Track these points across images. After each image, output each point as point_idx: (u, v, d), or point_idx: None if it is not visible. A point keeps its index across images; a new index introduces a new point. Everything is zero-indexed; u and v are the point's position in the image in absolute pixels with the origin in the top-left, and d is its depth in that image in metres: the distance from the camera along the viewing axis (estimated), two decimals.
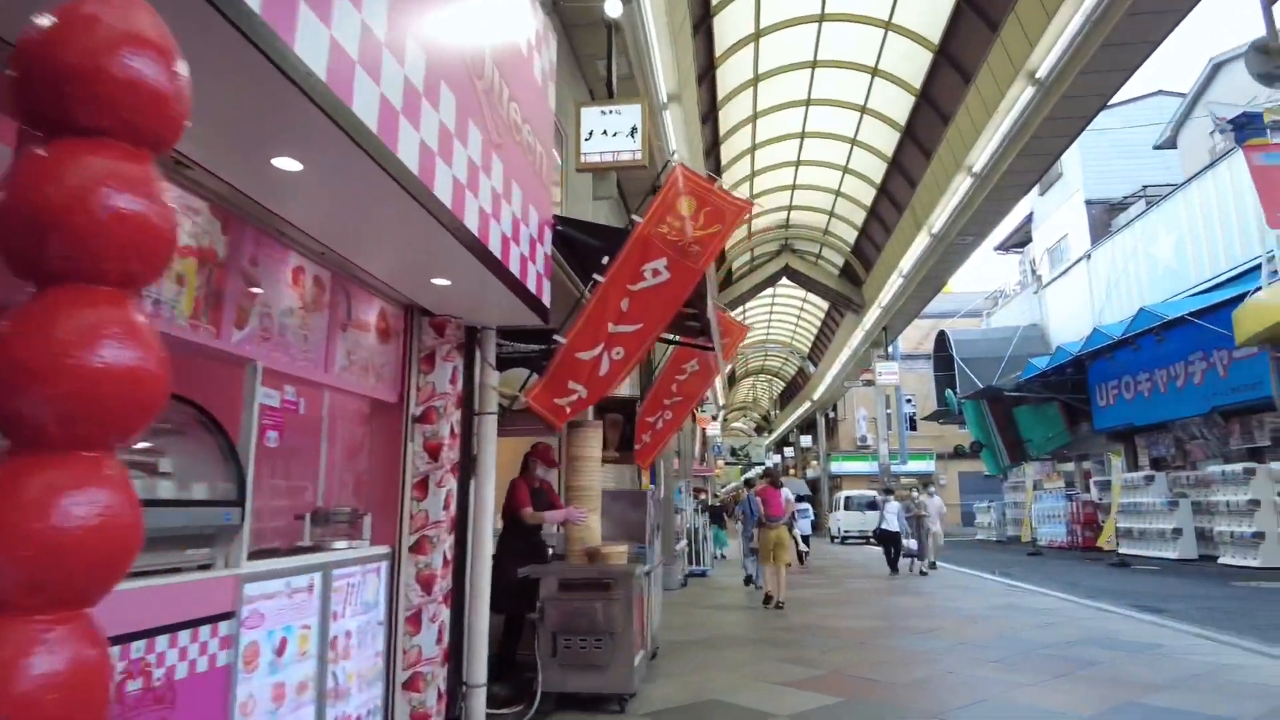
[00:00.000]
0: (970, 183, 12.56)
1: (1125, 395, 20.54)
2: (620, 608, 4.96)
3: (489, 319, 4.91)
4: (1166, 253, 19.54)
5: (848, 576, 14.65)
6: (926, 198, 14.31)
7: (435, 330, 4.71)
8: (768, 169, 17.13)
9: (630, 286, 4.98)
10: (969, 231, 14.20)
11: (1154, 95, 25.38)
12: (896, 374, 21.87)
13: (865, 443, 36.98)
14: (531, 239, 4.45)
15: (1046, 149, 11.01)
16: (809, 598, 11.31)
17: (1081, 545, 21.76)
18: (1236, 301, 14.99)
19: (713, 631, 8.23)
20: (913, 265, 16.51)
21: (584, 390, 5.04)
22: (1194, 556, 17.04)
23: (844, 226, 19.90)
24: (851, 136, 15.68)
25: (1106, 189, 24.46)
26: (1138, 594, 11.61)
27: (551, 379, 5.02)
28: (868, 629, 8.31)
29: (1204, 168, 18.23)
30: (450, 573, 4.58)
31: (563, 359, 5.01)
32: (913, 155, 14.63)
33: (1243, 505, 15.26)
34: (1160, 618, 8.88)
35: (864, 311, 21.47)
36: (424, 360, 4.70)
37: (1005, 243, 32.42)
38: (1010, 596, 11.11)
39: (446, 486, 4.60)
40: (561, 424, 5.09)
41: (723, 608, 10.32)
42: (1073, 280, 24.86)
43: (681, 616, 9.41)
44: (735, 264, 22.25)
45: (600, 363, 5.01)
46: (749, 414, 61.46)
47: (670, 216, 5.03)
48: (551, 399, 5.04)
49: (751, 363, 42.51)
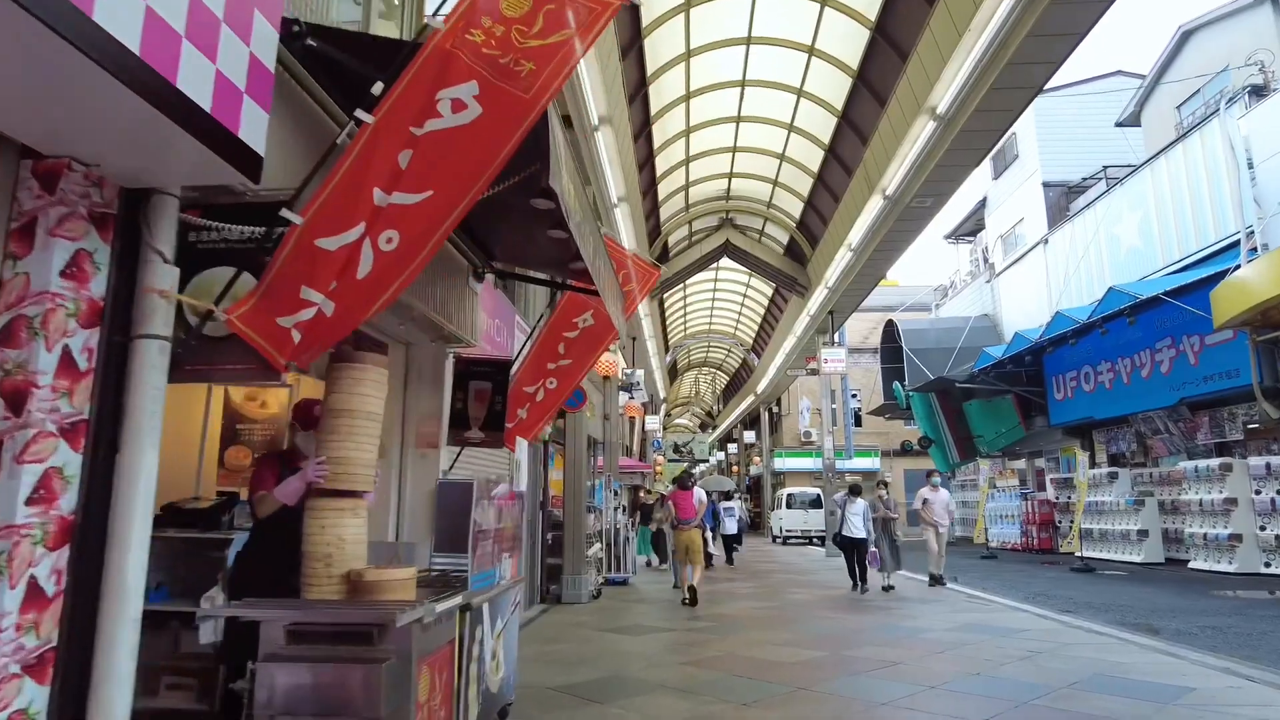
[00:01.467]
0: (932, 128, 10.78)
1: (1084, 387, 19.20)
2: (390, 677, 2.90)
3: (162, 176, 2.85)
4: (1130, 233, 18.20)
5: (787, 586, 12.78)
6: (881, 151, 12.52)
7: (42, 183, 2.62)
8: (706, 124, 15.18)
9: (415, 129, 2.92)
10: (928, 192, 12.43)
11: (1113, 75, 24.25)
12: (843, 361, 20.14)
13: (809, 438, 35.46)
14: (244, 53, 2.46)
15: (1026, 80, 9.26)
16: (740, 615, 9.38)
17: (1037, 547, 20.40)
18: (1214, 281, 13.59)
19: (606, 669, 6.20)
20: (863, 236, 14.74)
21: (328, 304, 2.96)
22: (1161, 560, 15.68)
23: (789, 198, 18.09)
24: (798, 86, 13.82)
25: (1065, 171, 23.21)
26: (1119, 607, 9.96)
27: (274, 284, 2.94)
28: (807, 663, 6.37)
29: (1173, 141, 16.89)
30: (52, 617, 2.53)
31: (296, 250, 2.94)
32: (866, 105, 12.83)
33: (1217, 504, 13.87)
34: (1164, 642, 7.16)
35: (809, 293, 19.71)
36: (15, 235, 2.60)
37: (956, 231, 31.18)
38: (976, 611, 9.34)
39: (45, 462, 2.53)
40: (285, 361, 2.99)
41: (631, 630, 8.30)
42: (1028, 267, 23.55)
43: (575, 644, 7.37)
44: (672, 238, 20.29)
45: (358, 255, 2.95)
46: (692, 409, 59.80)
47: (488, 16, 2.97)
48: (271, 318, 2.96)
49: (694, 355, 40.69)
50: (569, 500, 11.04)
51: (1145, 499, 16.12)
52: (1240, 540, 13.33)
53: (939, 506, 12.17)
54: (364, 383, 3.72)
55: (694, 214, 19.39)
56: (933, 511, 12.08)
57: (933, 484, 12.51)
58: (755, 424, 40.14)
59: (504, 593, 4.46)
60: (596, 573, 11.92)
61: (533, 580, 10.21)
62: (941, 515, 12.14)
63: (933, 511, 12.08)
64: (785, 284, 21.52)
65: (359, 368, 3.76)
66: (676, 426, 58.49)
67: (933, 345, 25.09)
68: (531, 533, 10.22)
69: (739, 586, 12.76)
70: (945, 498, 12.48)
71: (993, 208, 27.15)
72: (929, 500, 12.19)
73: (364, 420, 3.75)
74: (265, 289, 2.98)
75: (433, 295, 5.44)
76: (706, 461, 51.79)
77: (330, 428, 3.64)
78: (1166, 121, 19.55)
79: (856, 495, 11.58)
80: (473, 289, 6.28)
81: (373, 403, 3.80)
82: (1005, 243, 26.20)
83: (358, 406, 3.71)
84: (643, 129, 13.86)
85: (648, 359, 23.06)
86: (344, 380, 3.71)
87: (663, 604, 10.60)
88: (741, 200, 19.29)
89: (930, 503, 12.16)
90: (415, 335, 6.00)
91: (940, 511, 12.14)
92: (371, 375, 3.78)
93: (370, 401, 3.79)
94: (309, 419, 3.76)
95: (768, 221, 19.87)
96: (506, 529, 4.61)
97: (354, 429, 3.73)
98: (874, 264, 16.29)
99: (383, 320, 5.21)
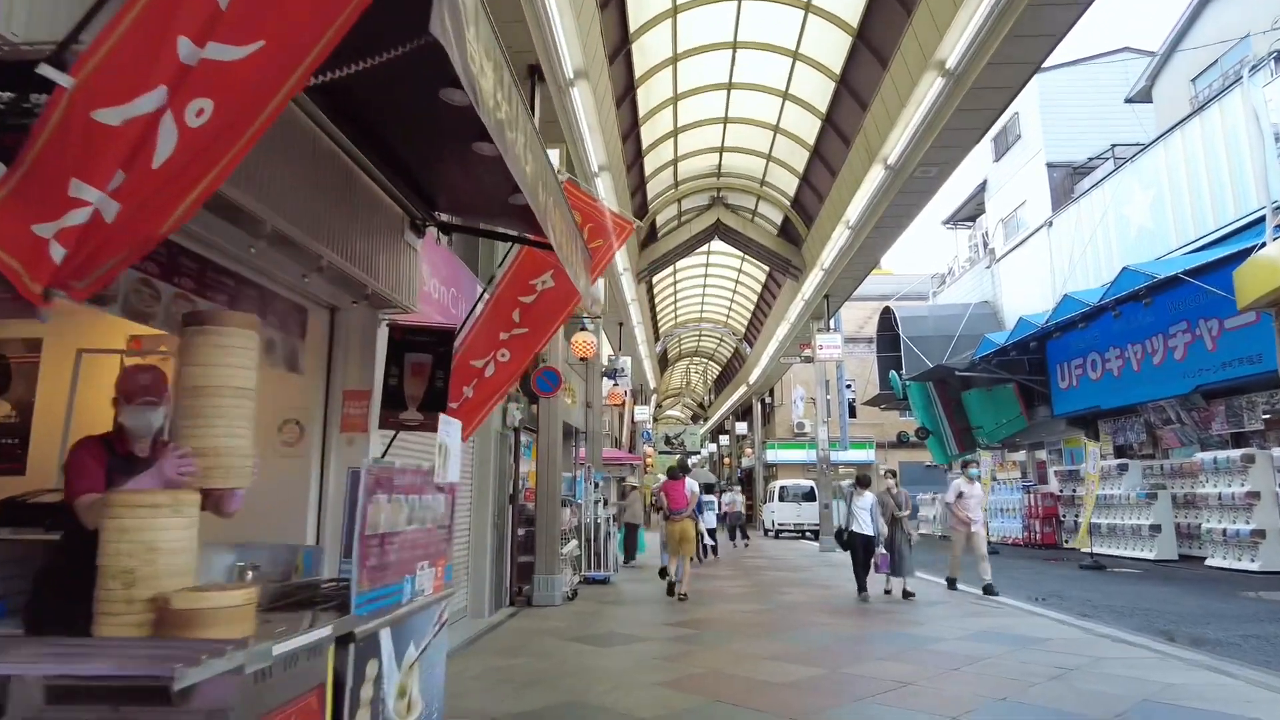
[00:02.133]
0: (940, 85, 9.82)
1: (1091, 375, 18.31)
2: None
3: None
4: (1142, 213, 17.29)
5: (780, 585, 11.86)
6: (883, 115, 11.55)
7: None
8: (695, 91, 14.18)
9: None
10: (933, 160, 11.49)
11: (1120, 52, 23.32)
12: (839, 347, 19.21)
13: (802, 429, 34.57)
14: None
15: (1047, 25, 8.31)
16: (727, 619, 8.45)
17: (1040, 542, 19.55)
18: (1237, 259, 12.66)
19: (565, 692, 5.26)
20: (862, 212, 13.79)
21: (108, 205, 2.03)
22: (1174, 557, 14.81)
23: (784, 175, 17.10)
24: (794, 49, 12.83)
25: (1069, 151, 22.28)
26: (1143, 611, 9.08)
27: (29, 176, 2.01)
28: (801, 683, 5.45)
29: (1190, 114, 15.96)
30: None
31: (63, 125, 2.01)
32: (867, 66, 11.85)
33: (1238, 498, 13.00)
34: (1209, 655, 6.26)
35: (804, 276, 18.75)
36: None
37: (955, 216, 30.26)
38: (987, 616, 8.45)
39: None
40: (43, 286, 2.03)
41: (603, 640, 7.36)
42: (1030, 251, 22.64)
43: (536, 658, 6.43)
44: (660, 218, 19.30)
45: (155, 134, 2.00)
46: (684, 400, 58.87)
47: None
48: (22, 224, 2.00)
49: (685, 344, 39.71)
50: (542, 493, 10.09)
51: (1158, 492, 15.25)
52: (1264, 537, 12.46)
53: (975, 502, 10.73)
54: (231, 351, 2.82)
55: (683, 191, 18.38)
56: (967, 506, 10.68)
57: (969, 475, 10.98)
58: (747, 415, 39.27)
59: (419, 612, 3.51)
60: (573, 572, 10.98)
61: (500, 582, 9.27)
62: (978, 512, 10.71)
63: (967, 506, 10.68)
64: (779, 267, 20.56)
65: (223, 332, 2.88)
66: (668, 418, 57.54)
67: (931, 333, 24.16)
68: (499, 530, 9.27)
69: (728, 585, 11.85)
70: (979, 492, 10.99)
71: (993, 191, 26.22)
72: (965, 494, 10.73)
73: (233, 399, 2.87)
74: (15, 184, 2.02)
75: (354, 246, 4.47)
76: (698, 454, 50.87)
77: (190, 410, 2.77)
78: (1181, 95, 18.61)
79: (865, 488, 10.24)
80: (410, 244, 5.30)
81: (243, 375, 2.91)
82: (1006, 227, 25.29)
83: (224, 381, 2.85)
84: (626, 93, 12.85)
85: (636, 347, 22.10)
86: (204, 349, 2.83)
87: (643, 606, 9.67)
88: (733, 177, 18.28)
89: (966, 497, 10.72)
90: (338, 297, 5.03)
91: (976, 508, 10.71)
92: (238, 341, 2.87)
93: (240, 374, 2.90)
94: (134, 390, 2.80)
95: (760, 200, 18.89)
96: (426, 530, 3.66)
97: (221, 409, 2.85)
98: (872, 243, 15.36)
99: (283, 270, 4.24)
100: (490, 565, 8.93)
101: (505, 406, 9.55)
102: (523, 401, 10.22)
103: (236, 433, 2.86)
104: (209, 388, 2.77)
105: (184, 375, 2.80)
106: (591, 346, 12.44)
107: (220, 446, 2.79)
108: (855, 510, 10.04)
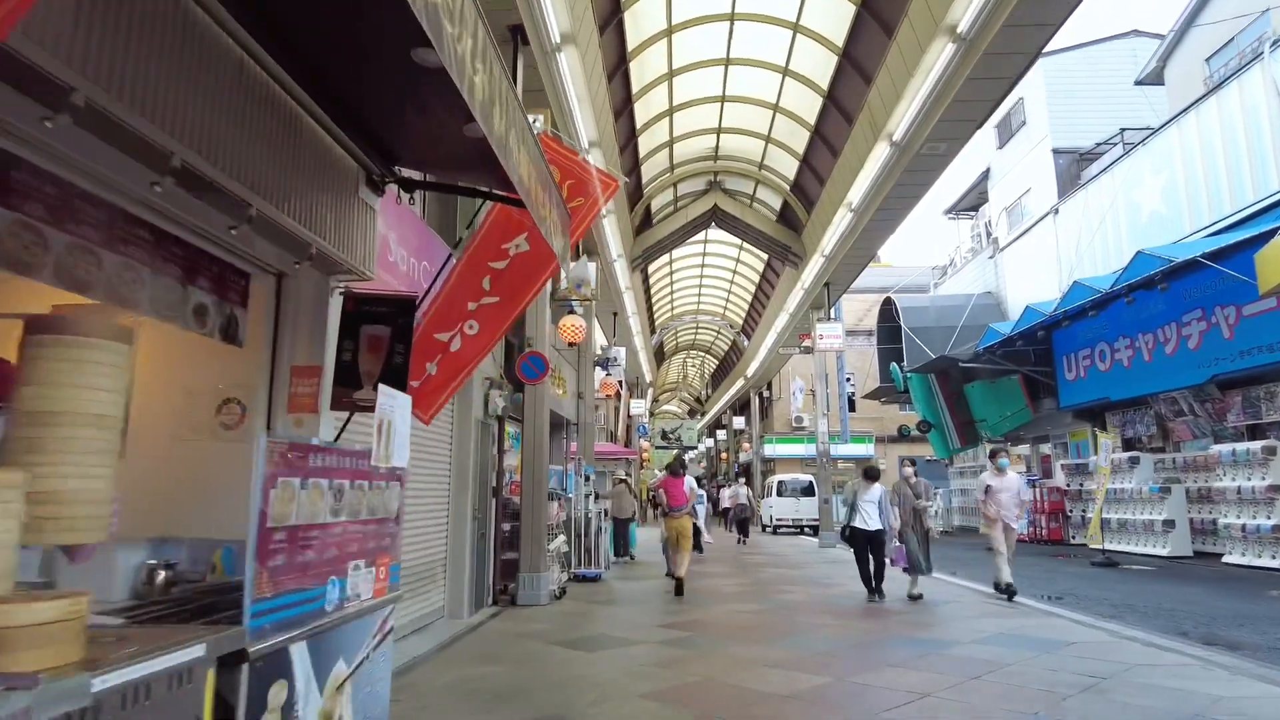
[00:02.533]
0: (951, 52, 9.22)
1: (1099, 366, 17.72)
2: None
3: None
4: (1153, 198, 16.71)
5: (779, 583, 11.28)
6: (889, 88, 10.94)
7: None
8: (691, 67, 13.55)
9: None
10: (941, 135, 10.88)
11: (1129, 35, 22.71)
12: (840, 336, 18.59)
13: (801, 423, 34.00)
14: None
15: None
16: (723, 621, 7.87)
17: (1046, 538, 19.00)
18: (1257, 243, 12.08)
19: (542, 706, 4.65)
20: (865, 193, 13.19)
21: None
22: (1189, 554, 14.26)
23: (783, 157, 16.48)
24: (794, 21, 12.21)
25: (1076, 137, 21.69)
26: (1168, 611, 8.51)
27: None
28: (806, 695, 4.86)
29: (1204, 94, 15.37)
30: None
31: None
32: (871, 36, 11.25)
33: (1259, 492, 12.44)
34: (1257, 663, 5.69)
35: (804, 263, 18.16)
36: None
37: (957, 205, 29.64)
38: (1003, 616, 7.87)
39: None
40: None
41: (590, 644, 6.76)
42: (1036, 239, 22.07)
43: (514, 665, 5.83)
44: (655, 203, 18.69)
45: None
46: (680, 394, 58.29)
47: None
48: None
49: (682, 337, 39.12)
50: (527, 487, 9.48)
51: (1171, 486, 14.70)
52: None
53: (1008, 497, 9.31)
54: (90, 369, 2.20)
55: (679, 175, 17.76)
56: (998, 501, 9.33)
57: (998, 467, 9.60)
58: (745, 409, 38.68)
59: (351, 621, 2.91)
60: (562, 569, 10.39)
61: (481, 580, 8.67)
62: (1011, 509, 9.31)
63: (998, 501, 9.33)
64: (778, 254, 19.95)
65: (81, 343, 2.22)
66: (665, 413, 56.97)
67: (933, 323, 23.60)
68: (480, 524, 8.68)
69: (725, 584, 11.27)
70: (1017, 484, 9.52)
71: (997, 179, 25.61)
72: (993, 488, 9.38)
73: (90, 429, 2.21)
74: None
75: (292, 195, 3.85)
76: (695, 448, 50.31)
77: (31, 444, 2.12)
78: (1194, 76, 18.01)
79: (873, 480, 9.46)
80: (366, 202, 4.69)
81: (105, 400, 2.27)
82: (1010, 215, 24.70)
83: (79, 408, 2.19)
84: (619, 66, 12.23)
85: (631, 338, 21.49)
86: (52, 366, 2.18)
87: (635, 606, 9.09)
88: (731, 160, 17.66)
89: (995, 491, 9.36)
90: (283, 260, 4.41)
91: (1010, 504, 9.30)
92: (102, 356, 2.25)
93: (100, 399, 2.26)
94: None
95: (759, 184, 18.27)
96: (363, 523, 3.06)
97: (72, 443, 2.19)
98: (875, 228, 14.77)
99: (207, 221, 3.63)
100: (470, 562, 8.33)
101: (488, 393, 8.95)
102: (507, 389, 9.60)
103: (91, 473, 2.22)
104: (58, 414, 2.13)
105: (25, 397, 2.14)
106: (581, 331, 11.80)
107: (66, 492, 2.13)
108: (860, 504, 9.34)
